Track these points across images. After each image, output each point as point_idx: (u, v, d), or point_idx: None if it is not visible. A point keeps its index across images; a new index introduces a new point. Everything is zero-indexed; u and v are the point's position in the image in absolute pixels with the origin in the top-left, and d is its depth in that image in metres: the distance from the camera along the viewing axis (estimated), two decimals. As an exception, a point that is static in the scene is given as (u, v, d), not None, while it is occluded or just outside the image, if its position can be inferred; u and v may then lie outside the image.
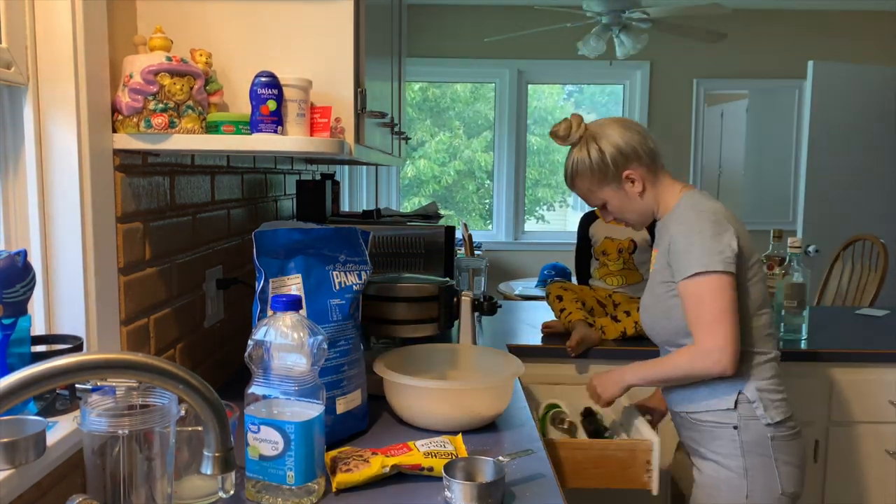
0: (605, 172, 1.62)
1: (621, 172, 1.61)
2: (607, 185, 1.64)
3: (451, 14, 5.55)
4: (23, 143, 1.12)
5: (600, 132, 1.63)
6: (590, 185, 1.65)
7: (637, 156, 1.61)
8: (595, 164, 1.62)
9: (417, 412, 1.45)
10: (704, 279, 1.50)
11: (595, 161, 1.62)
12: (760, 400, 1.56)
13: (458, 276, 2.37)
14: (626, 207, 1.67)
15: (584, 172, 1.63)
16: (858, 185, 4.77)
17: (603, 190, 1.65)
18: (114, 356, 0.75)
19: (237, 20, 1.31)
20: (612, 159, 1.60)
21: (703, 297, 1.50)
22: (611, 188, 1.64)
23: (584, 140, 1.63)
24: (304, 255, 1.38)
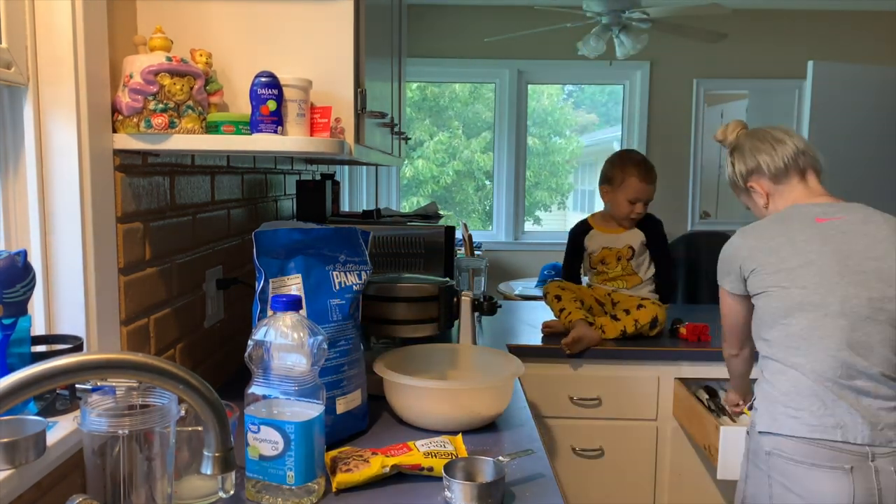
0: (734, 183, 1.79)
1: (747, 184, 1.75)
2: (742, 192, 1.79)
3: (451, 14, 5.55)
4: (23, 144, 1.12)
5: (740, 146, 1.76)
6: (735, 191, 1.82)
7: (760, 171, 1.71)
8: (730, 178, 1.79)
9: (417, 412, 1.45)
10: (721, 291, 1.76)
11: (730, 176, 1.79)
12: (767, 410, 1.54)
13: (458, 276, 2.37)
14: (757, 213, 1.80)
15: (730, 181, 1.81)
16: (858, 184, 4.76)
17: (740, 197, 1.81)
18: (114, 356, 0.75)
19: (237, 20, 1.31)
20: (738, 173, 1.75)
21: (722, 307, 1.75)
22: (744, 195, 1.79)
23: (732, 149, 1.78)
24: (304, 255, 1.38)
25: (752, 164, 1.70)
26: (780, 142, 1.68)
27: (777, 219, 1.63)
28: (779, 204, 1.69)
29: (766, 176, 1.69)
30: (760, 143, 1.70)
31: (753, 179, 1.71)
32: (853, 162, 4.75)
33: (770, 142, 1.69)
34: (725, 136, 1.80)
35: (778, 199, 1.70)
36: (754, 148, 1.70)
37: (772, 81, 5.64)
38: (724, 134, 1.81)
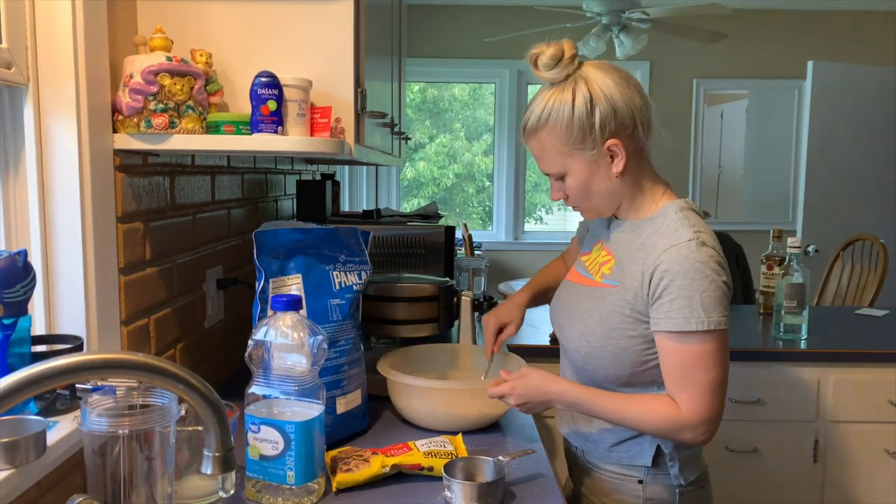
0: (584, 133, 1.21)
1: (606, 140, 1.22)
2: (580, 150, 1.23)
3: (451, 14, 5.55)
4: (23, 144, 1.12)
5: (596, 78, 1.23)
6: (557, 144, 1.24)
7: (633, 124, 1.24)
8: (577, 118, 1.21)
9: (421, 412, 1.45)
10: (710, 338, 1.18)
11: (579, 114, 1.21)
12: (678, 459, 1.31)
13: (458, 276, 2.37)
14: (591, 188, 1.27)
15: (558, 125, 1.22)
16: (858, 185, 4.77)
17: (572, 156, 1.24)
18: (114, 356, 0.75)
19: (237, 20, 1.31)
20: (602, 119, 1.21)
21: (706, 361, 1.19)
22: (583, 156, 1.24)
23: (573, 81, 1.23)
24: (305, 255, 1.38)
25: (623, 113, 1.25)
26: None
27: None
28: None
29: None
30: (627, 86, 1.27)
31: (621, 137, 1.26)
32: (853, 162, 4.75)
33: (637, 88, 1.30)
34: (558, 60, 1.23)
35: (642, 176, 1.33)
36: (623, 91, 1.26)
37: (772, 81, 5.64)
38: (555, 58, 1.23)
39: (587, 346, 1.30)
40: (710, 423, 1.21)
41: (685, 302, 1.18)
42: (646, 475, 1.32)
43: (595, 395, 1.28)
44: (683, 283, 1.18)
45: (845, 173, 4.73)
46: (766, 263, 2.67)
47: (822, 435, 2.29)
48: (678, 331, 1.18)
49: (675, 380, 1.22)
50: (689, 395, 1.20)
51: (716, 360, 1.19)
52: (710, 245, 1.21)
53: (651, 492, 1.32)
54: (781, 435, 2.29)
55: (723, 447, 2.28)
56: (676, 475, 1.31)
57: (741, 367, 2.24)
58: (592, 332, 1.29)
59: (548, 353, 2.30)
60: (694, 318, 1.17)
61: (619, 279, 1.28)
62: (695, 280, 1.18)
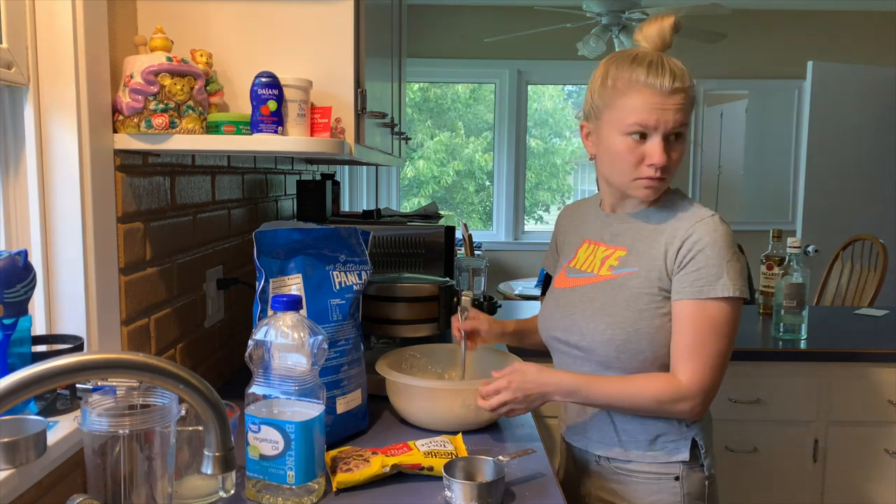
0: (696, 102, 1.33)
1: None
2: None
3: (451, 14, 5.55)
4: (23, 144, 1.12)
5: None
6: (690, 108, 1.33)
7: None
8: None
9: (420, 412, 1.45)
10: (730, 306, 1.24)
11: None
12: (708, 449, 1.35)
13: (458, 276, 2.37)
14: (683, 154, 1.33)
15: (693, 88, 1.34)
16: (858, 185, 4.78)
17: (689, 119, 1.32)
18: (114, 356, 0.75)
19: (237, 20, 1.32)
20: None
21: (720, 330, 1.24)
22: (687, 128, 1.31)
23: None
24: (305, 255, 1.38)
25: None
26: None
27: None
28: None
29: None
30: None
31: None
32: (853, 162, 4.75)
33: None
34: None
35: None
36: None
37: (772, 81, 5.64)
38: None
39: (621, 333, 1.30)
40: (707, 395, 1.26)
41: (714, 270, 1.24)
42: (682, 470, 1.33)
43: (591, 380, 1.30)
44: (712, 254, 1.25)
45: (845, 173, 4.73)
46: (766, 263, 2.67)
47: (822, 435, 2.29)
48: (703, 298, 1.24)
49: (685, 346, 1.26)
50: (695, 364, 1.24)
51: (728, 330, 1.25)
52: (727, 224, 1.30)
53: (688, 486, 1.34)
54: (781, 435, 2.29)
55: (723, 447, 2.28)
56: (709, 465, 1.35)
57: (741, 367, 2.24)
58: (623, 318, 1.30)
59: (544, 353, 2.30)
60: (720, 284, 1.23)
61: (636, 264, 1.32)
62: (722, 250, 1.25)
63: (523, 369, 1.32)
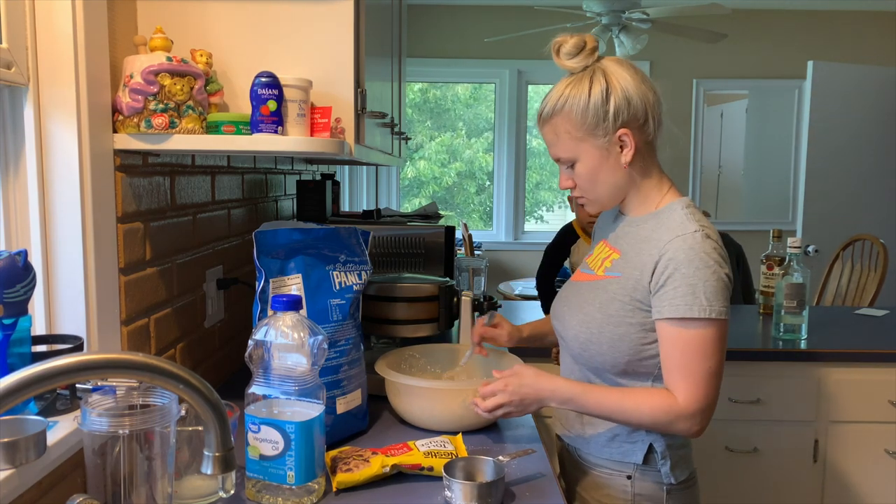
0: (598, 120, 1.26)
1: (617, 129, 1.27)
2: (593, 137, 1.28)
3: (451, 14, 5.55)
4: (23, 144, 1.12)
5: (613, 70, 1.28)
6: (571, 129, 1.28)
7: (644, 118, 1.29)
8: (593, 104, 1.26)
9: (419, 412, 1.45)
10: (712, 327, 1.22)
11: (594, 101, 1.26)
12: (669, 457, 1.33)
13: (458, 276, 2.37)
14: (599, 176, 1.31)
15: (573, 110, 1.27)
16: (858, 185, 4.77)
17: (585, 141, 1.28)
18: (114, 356, 0.75)
19: (237, 20, 1.32)
20: (616, 108, 1.26)
21: (706, 350, 1.22)
22: (595, 143, 1.28)
23: (591, 71, 1.29)
24: (305, 255, 1.38)
25: (637, 104, 1.29)
26: None
27: None
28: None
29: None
30: (642, 81, 1.32)
31: (632, 128, 1.31)
32: (853, 162, 4.75)
33: (650, 85, 1.34)
34: (579, 50, 1.30)
35: (649, 171, 1.38)
36: (638, 85, 1.31)
37: (772, 81, 5.64)
38: (577, 48, 1.30)
39: (586, 331, 1.32)
40: (705, 413, 1.24)
41: (688, 290, 1.21)
42: (635, 471, 1.34)
43: (589, 389, 1.29)
44: (688, 272, 1.22)
45: (845, 173, 4.73)
46: (766, 263, 2.67)
47: (822, 435, 2.29)
48: (681, 317, 1.22)
49: (673, 367, 1.24)
50: (687, 383, 1.23)
51: (715, 348, 1.23)
52: (713, 239, 1.26)
53: (640, 488, 1.34)
54: (781, 435, 2.29)
55: (723, 447, 2.28)
56: (667, 473, 1.33)
57: (741, 367, 2.24)
58: (592, 318, 1.32)
59: (547, 352, 2.30)
60: (696, 305, 1.21)
61: (621, 270, 1.32)
62: (699, 269, 1.22)
63: (522, 372, 1.32)
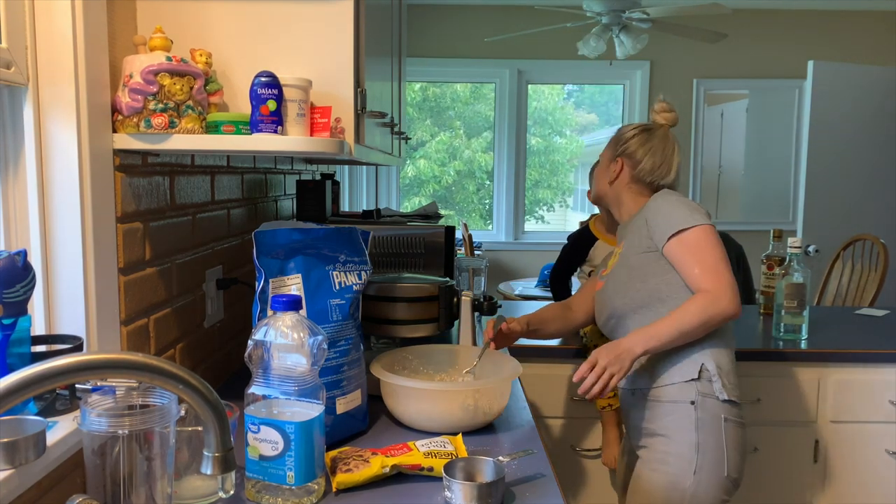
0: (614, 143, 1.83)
1: (616, 155, 1.82)
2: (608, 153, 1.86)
3: (451, 14, 5.55)
4: (23, 144, 1.12)
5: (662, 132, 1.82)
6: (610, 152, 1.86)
7: (639, 161, 1.79)
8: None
9: (415, 414, 1.45)
10: (699, 230, 1.60)
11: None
12: (720, 375, 1.61)
13: (458, 276, 2.37)
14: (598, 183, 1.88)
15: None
16: (858, 185, 4.77)
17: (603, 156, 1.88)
18: (114, 356, 0.75)
19: (237, 20, 1.31)
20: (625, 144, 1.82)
21: (701, 245, 1.59)
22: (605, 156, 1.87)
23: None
24: (304, 255, 1.38)
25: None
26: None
27: None
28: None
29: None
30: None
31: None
32: (853, 162, 4.75)
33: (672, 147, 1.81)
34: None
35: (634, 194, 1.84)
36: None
37: (772, 81, 5.64)
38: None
39: (622, 285, 1.70)
40: (733, 289, 1.56)
41: (667, 217, 1.64)
42: (696, 396, 1.60)
43: (650, 326, 1.58)
44: (665, 209, 1.66)
45: (845, 173, 4.73)
46: (767, 263, 2.67)
47: (822, 435, 2.29)
48: (675, 233, 1.61)
49: (692, 272, 1.59)
50: (707, 274, 1.57)
51: (712, 242, 1.60)
52: (677, 194, 1.71)
53: (702, 411, 1.60)
54: (781, 435, 2.29)
55: (723, 447, 2.28)
56: (720, 389, 1.60)
57: (741, 367, 2.23)
58: (619, 276, 1.72)
59: (547, 353, 2.30)
60: (679, 220, 1.62)
61: (625, 248, 1.74)
62: (671, 203, 1.66)
63: (600, 346, 1.57)
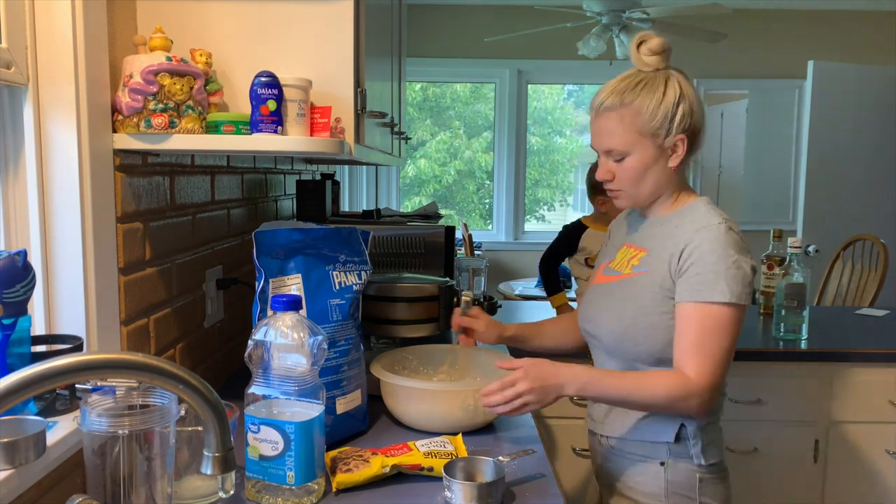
0: (665, 121, 1.33)
1: (678, 133, 1.34)
2: (655, 137, 1.34)
3: (451, 14, 5.55)
4: (23, 144, 1.12)
5: (684, 81, 1.37)
6: (639, 123, 1.33)
7: (699, 130, 1.37)
8: (665, 106, 1.32)
9: (415, 414, 1.45)
10: (730, 310, 1.28)
11: (667, 104, 1.32)
12: (700, 438, 1.37)
13: (458, 276, 2.37)
14: (647, 174, 1.37)
15: (645, 107, 1.32)
16: (858, 184, 4.77)
17: (645, 138, 1.34)
18: (114, 356, 0.75)
19: (237, 20, 1.31)
20: (683, 115, 1.33)
21: (722, 330, 1.28)
22: (654, 142, 1.34)
23: (666, 74, 1.35)
24: (304, 255, 1.38)
25: (698, 116, 1.39)
26: None
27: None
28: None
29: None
30: (699, 99, 1.40)
31: (688, 135, 1.38)
32: (853, 162, 4.75)
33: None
34: (662, 50, 1.36)
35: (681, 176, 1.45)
36: (699, 100, 1.40)
37: (772, 81, 5.64)
38: (662, 48, 1.36)
39: (619, 325, 1.39)
40: (713, 391, 1.29)
41: (711, 276, 1.28)
42: (668, 457, 1.38)
43: (606, 373, 1.37)
44: (710, 260, 1.29)
45: (845, 173, 4.73)
46: (767, 263, 2.67)
47: (822, 435, 2.29)
48: (702, 300, 1.29)
49: (688, 345, 1.30)
50: (701, 359, 1.28)
51: (730, 330, 1.29)
52: (735, 232, 1.34)
53: (673, 474, 1.37)
54: (781, 435, 2.29)
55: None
56: (698, 454, 1.37)
57: (741, 367, 2.23)
58: (624, 311, 1.39)
59: (547, 353, 2.30)
60: (717, 290, 1.28)
61: (649, 265, 1.39)
62: (721, 257, 1.29)
63: (538, 361, 1.33)
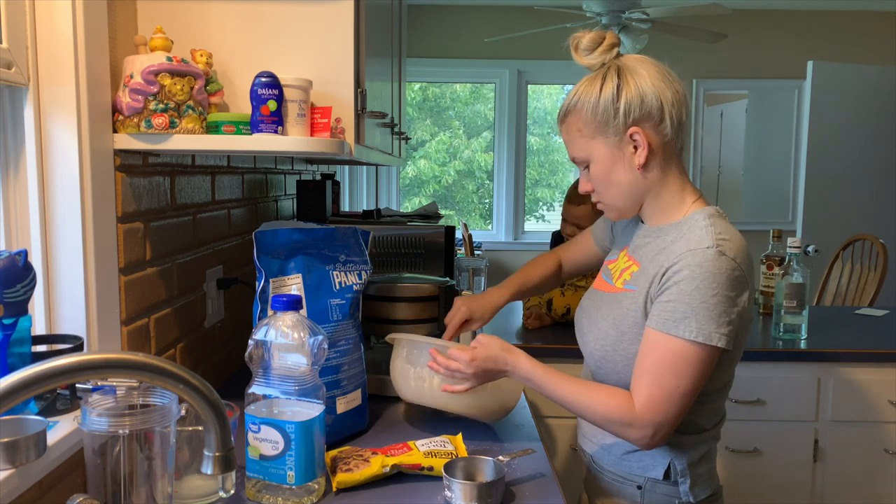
0: (608, 117, 1.20)
1: (628, 126, 1.20)
2: (603, 135, 1.22)
3: (451, 14, 5.55)
4: (23, 144, 1.12)
5: (630, 66, 1.22)
6: (581, 127, 1.24)
7: (660, 117, 1.20)
8: (603, 100, 1.20)
9: (432, 389, 1.40)
10: (696, 349, 1.13)
11: (605, 97, 1.20)
12: (690, 476, 1.27)
13: (458, 276, 2.37)
14: (612, 177, 1.24)
15: (584, 107, 1.22)
16: (858, 185, 4.78)
17: (595, 139, 1.23)
18: (114, 356, 0.75)
19: (237, 20, 1.32)
20: (627, 105, 1.19)
21: (682, 369, 1.14)
22: (606, 142, 1.22)
23: (607, 67, 1.24)
24: (305, 255, 1.38)
25: (650, 102, 1.21)
26: None
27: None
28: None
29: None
30: (662, 79, 1.23)
31: (645, 127, 1.23)
32: (853, 162, 4.75)
33: (675, 85, 1.24)
34: (595, 46, 1.26)
35: (668, 177, 1.28)
36: (656, 82, 1.23)
37: (772, 81, 5.64)
38: (594, 43, 1.26)
39: (601, 349, 1.28)
40: (659, 429, 1.16)
41: (682, 308, 1.13)
42: (645, 482, 1.29)
43: (549, 374, 1.25)
44: (686, 290, 1.13)
45: (845, 173, 4.73)
46: (766, 263, 2.67)
47: (822, 435, 2.29)
48: (666, 332, 1.15)
49: (643, 372, 1.17)
50: (651, 392, 1.16)
51: (692, 370, 1.14)
52: (730, 256, 1.15)
53: (649, 499, 1.29)
54: (781, 435, 2.29)
55: (723, 447, 2.28)
56: (686, 492, 1.27)
57: (741, 367, 2.22)
58: (606, 335, 1.27)
59: (547, 353, 2.30)
60: (684, 326, 1.13)
61: (636, 284, 1.25)
62: (698, 289, 1.13)
63: (489, 344, 1.30)
